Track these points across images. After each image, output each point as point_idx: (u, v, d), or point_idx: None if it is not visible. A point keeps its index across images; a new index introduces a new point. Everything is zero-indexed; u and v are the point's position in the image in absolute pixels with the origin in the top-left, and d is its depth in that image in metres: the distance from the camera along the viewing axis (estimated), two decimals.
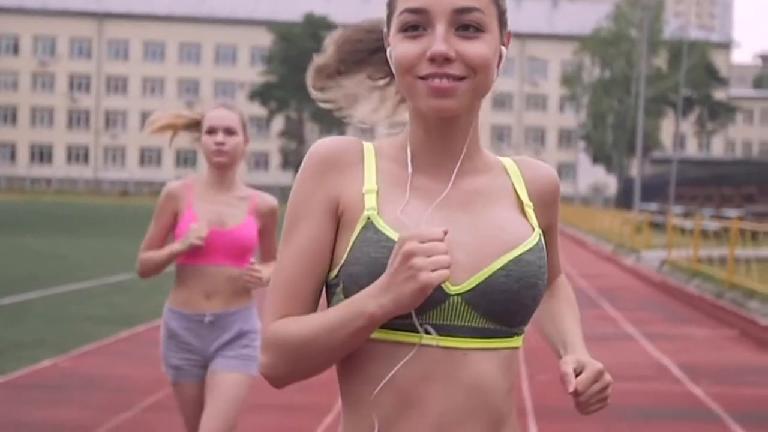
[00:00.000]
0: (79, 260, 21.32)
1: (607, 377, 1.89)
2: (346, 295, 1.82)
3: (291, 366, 1.83)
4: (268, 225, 4.62)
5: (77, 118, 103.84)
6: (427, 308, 1.79)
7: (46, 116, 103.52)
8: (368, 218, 1.84)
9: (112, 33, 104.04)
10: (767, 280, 15.01)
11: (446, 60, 1.79)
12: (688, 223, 27.39)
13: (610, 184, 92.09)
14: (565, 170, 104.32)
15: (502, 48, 1.90)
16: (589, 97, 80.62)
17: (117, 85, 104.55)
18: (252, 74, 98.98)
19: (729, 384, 9.33)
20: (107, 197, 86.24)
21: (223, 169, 4.50)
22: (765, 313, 13.61)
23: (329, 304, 1.88)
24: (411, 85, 1.83)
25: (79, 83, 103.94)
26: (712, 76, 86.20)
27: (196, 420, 4.43)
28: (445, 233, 1.72)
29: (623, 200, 61.57)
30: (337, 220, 1.88)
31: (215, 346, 4.44)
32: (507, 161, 2.01)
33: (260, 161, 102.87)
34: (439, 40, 1.79)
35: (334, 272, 1.87)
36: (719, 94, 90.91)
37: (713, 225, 24.79)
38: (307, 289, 1.88)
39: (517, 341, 1.89)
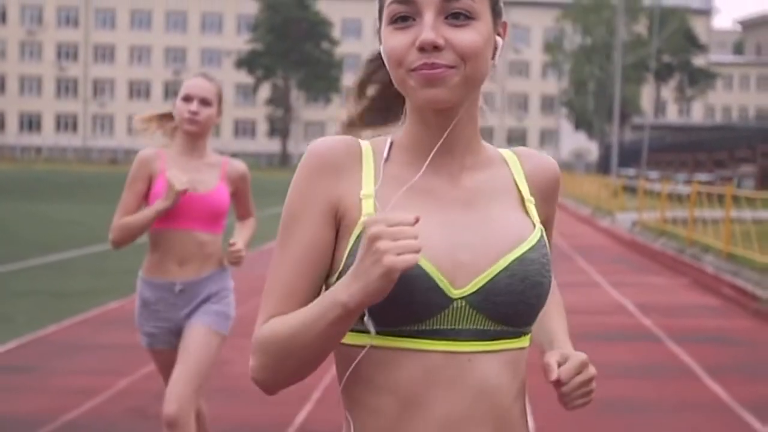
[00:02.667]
0: (94, 225, 22.97)
1: (592, 369, 1.84)
2: None
3: (279, 365, 1.77)
4: (240, 188, 4.70)
5: (65, 87, 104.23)
6: (431, 314, 1.75)
7: (35, 85, 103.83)
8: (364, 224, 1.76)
9: (99, 2, 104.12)
10: (721, 237, 16.93)
11: (435, 48, 1.74)
12: (658, 187, 29.28)
13: (592, 149, 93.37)
14: (548, 136, 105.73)
15: (497, 38, 1.85)
16: (571, 64, 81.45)
17: (104, 53, 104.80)
18: (238, 42, 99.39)
19: (673, 317, 11.29)
20: (97, 165, 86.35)
21: (193, 137, 4.55)
22: (716, 264, 15.54)
23: None
24: (403, 78, 1.79)
25: (66, 52, 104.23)
26: (692, 42, 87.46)
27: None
28: (417, 220, 1.65)
29: (604, 166, 62.78)
30: (337, 224, 1.84)
31: (185, 312, 4.50)
32: (507, 153, 1.97)
33: (247, 129, 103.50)
34: (428, 27, 1.74)
35: (334, 278, 1.82)
36: (699, 61, 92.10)
37: (681, 189, 26.67)
38: (304, 293, 1.82)
39: (524, 341, 1.84)
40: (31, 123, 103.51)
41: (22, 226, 21.99)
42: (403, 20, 1.78)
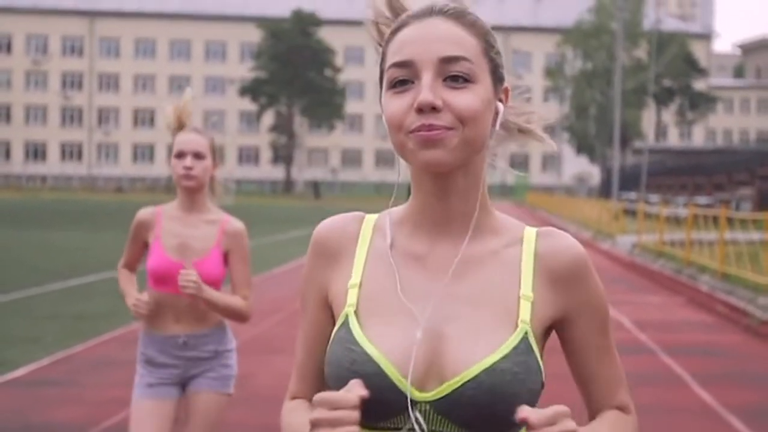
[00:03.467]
0: (102, 251, 23.55)
1: (570, 424, 1.65)
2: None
3: None
4: (234, 248, 4.58)
5: (70, 116, 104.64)
6: (393, 415, 1.73)
7: (40, 114, 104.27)
8: (346, 315, 1.79)
9: (104, 31, 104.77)
10: (716, 258, 17.50)
11: (433, 110, 1.71)
12: (657, 210, 29.85)
13: (594, 174, 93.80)
14: (550, 161, 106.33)
15: (498, 104, 1.82)
16: (572, 89, 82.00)
17: (109, 82, 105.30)
18: (242, 70, 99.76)
19: (668, 332, 11.89)
20: (102, 193, 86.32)
21: (191, 192, 4.52)
22: (711, 284, 16.11)
23: None
24: (402, 141, 1.75)
25: (71, 81, 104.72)
26: (692, 66, 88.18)
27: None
28: (360, 400, 1.65)
29: (606, 190, 63.18)
30: (332, 310, 1.87)
31: (192, 365, 4.50)
32: (529, 232, 1.87)
33: (251, 156, 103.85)
34: (426, 89, 1.72)
35: None
36: (699, 84, 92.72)
37: (679, 212, 27.26)
38: (312, 372, 1.90)
39: None
40: (36, 152, 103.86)
41: (35, 254, 22.54)
42: (402, 84, 1.77)
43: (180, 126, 4.57)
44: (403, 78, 1.76)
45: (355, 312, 1.79)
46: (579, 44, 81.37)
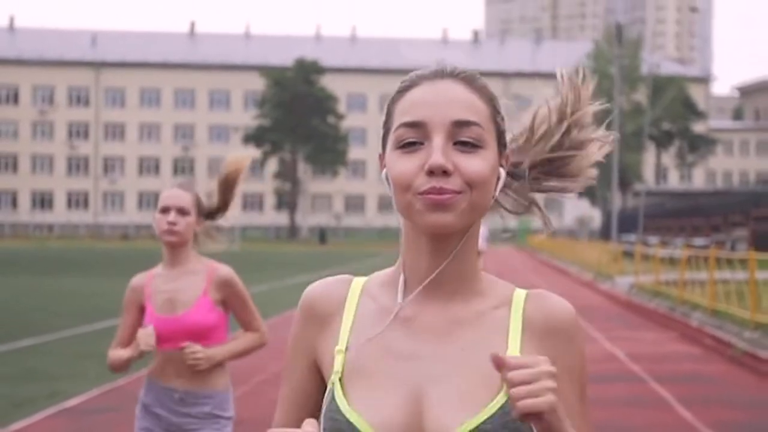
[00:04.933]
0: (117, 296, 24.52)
1: (545, 366, 1.62)
2: None
3: None
4: (230, 297, 4.60)
5: (76, 165, 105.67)
6: None
7: (46, 163, 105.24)
8: (332, 383, 1.78)
9: (109, 81, 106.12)
10: (707, 295, 18.54)
11: (444, 173, 1.70)
12: (651, 252, 30.91)
13: (595, 216, 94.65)
14: (551, 204, 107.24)
15: (500, 169, 1.81)
16: None
17: (115, 131, 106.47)
18: (246, 118, 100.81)
19: (658, 363, 12.90)
20: (108, 241, 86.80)
21: (175, 247, 4.53)
22: (702, 319, 17.14)
23: None
24: (410, 202, 1.73)
25: (77, 131, 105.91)
26: (691, 109, 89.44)
27: None
28: None
29: (606, 232, 64.01)
30: (320, 373, 1.86)
31: (185, 423, 4.49)
32: (518, 294, 1.83)
33: (255, 202, 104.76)
34: (438, 152, 1.71)
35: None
36: (698, 127, 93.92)
37: (674, 253, 28.30)
38: (299, 422, 1.79)
39: None
40: (43, 200, 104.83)
41: (53, 300, 23.50)
42: (411, 145, 1.74)
43: (224, 197, 4.68)
44: (413, 139, 1.75)
45: (340, 379, 1.78)
46: None
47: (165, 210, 4.49)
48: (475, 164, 1.74)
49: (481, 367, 1.73)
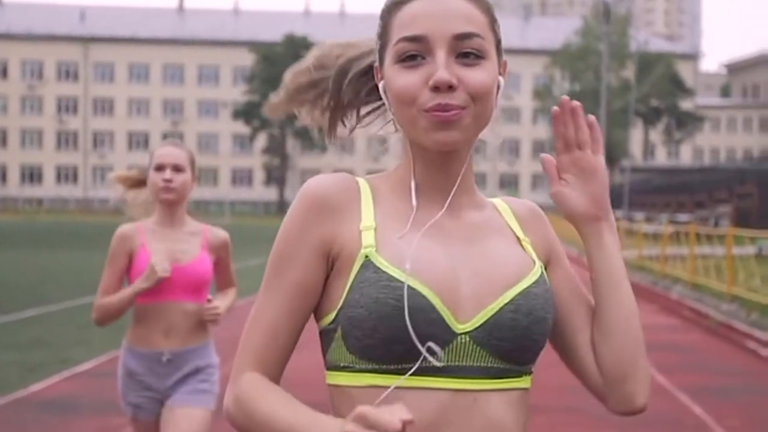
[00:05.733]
0: None
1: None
2: (346, 340, 1.70)
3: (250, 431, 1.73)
4: (222, 257, 4.62)
5: (66, 140, 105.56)
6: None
7: (36, 138, 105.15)
8: (366, 257, 1.71)
9: (98, 56, 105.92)
10: (688, 269, 19.18)
11: (449, 88, 1.69)
12: (635, 228, 31.59)
13: None
14: (540, 181, 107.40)
15: (500, 78, 1.80)
16: None
17: (104, 106, 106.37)
18: (235, 93, 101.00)
19: None
20: (98, 215, 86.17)
21: (171, 205, 4.46)
22: (682, 292, 17.77)
23: (326, 352, 1.77)
24: (414, 118, 1.72)
25: (66, 105, 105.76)
26: (679, 86, 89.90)
27: None
28: (405, 422, 1.47)
29: None
30: (331, 264, 1.77)
31: (172, 382, 4.44)
32: (496, 200, 1.93)
33: (244, 177, 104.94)
34: (442, 67, 1.69)
35: (330, 317, 1.75)
36: (686, 104, 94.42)
37: (657, 229, 28.95)
38: (288, 333, 1.77)
39: (527, 381, 1.77)
40: (32, 175, 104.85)
41: (54, 272, 24.04)
42: (412, 59, 1.73)
43: (132, 184, 4.75)
44: (413, 53, 1.72)
45: (376, 251, 1.73)
46: (567, 66, 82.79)
47: (160, 168, 4.44)
48: (479, 76, 1.73)
49: (509, 260, 1.79)
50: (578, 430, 7.74)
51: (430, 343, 1.67)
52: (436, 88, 1.69)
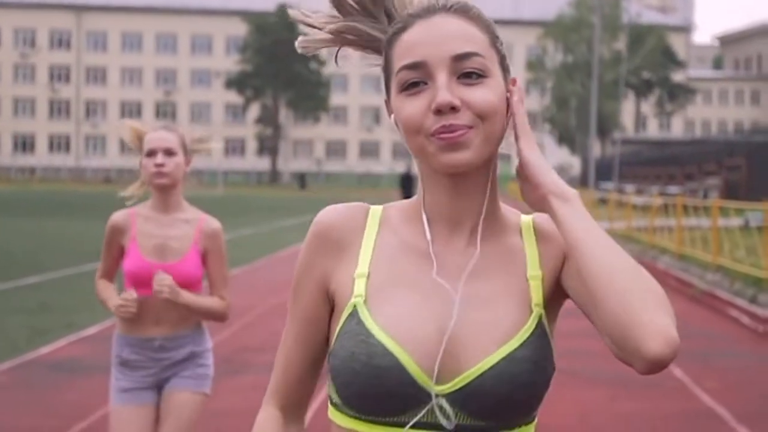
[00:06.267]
0: None
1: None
2: (335, 387, 1.73)
3: None
4: (211, 248, 4.48)
5: (58, 108, 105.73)
6: (408, 408, 1.67)
7: (28, 107, 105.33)
8: (354, 306, 1.71)
9: (91, 25, 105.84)
10: (675, 240, 19.62)
11: (452, 110, 1.65)
12: (625, 199, 32.01)
13: (575, 164, 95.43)
14: None
15: (514, 89, 1.77)
16: (553, 81, 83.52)
17: (96, 75, 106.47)
18: (228, 63, 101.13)
19: None
20: (91, 184, 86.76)
21: (165, 190, 4.42)
22: (668, 263, 18.22)
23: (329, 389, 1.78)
24: (422, 145, 1.69)
25: (59, 74, 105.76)
26: (670, 59, 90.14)
27: None
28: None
29: (585, 180, 64.86)
30: (331, 300, 1.79)
31: (167, 367, 4.43)
32: (525, 220, 1.84)
33: (237, 147, 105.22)
34: (442, 89, 1.66)
35: (328, 356, 1.77)
36: (678, 76, 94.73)
37: (645, 201, 29.38)
38: (299, 365, 1.83)
39: (526, 430, 1.73)
40: (25, 144, 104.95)
41: (52, 240, 24.45)
42: (414, 86, 1.70)
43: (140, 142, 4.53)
44: (415, 80, 1.71)
45: (364, 302, 1.73)
46: (560, 37, 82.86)
47: (151, 153, 4.38)
48: (482, 94, 1.70)
49: (508, 295, 1.74)
50: (569, 391, 8.14)
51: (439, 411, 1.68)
52: (439, 111, 1.66)
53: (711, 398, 7.93)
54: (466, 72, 1.70)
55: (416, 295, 1.72)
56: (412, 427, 1.67)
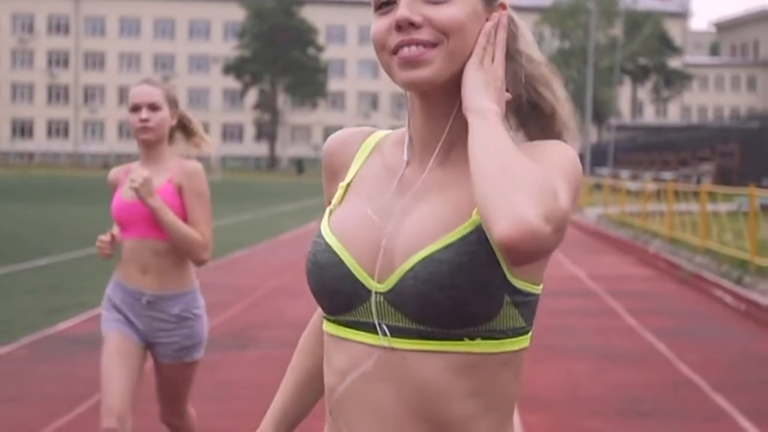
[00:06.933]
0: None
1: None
2: None
3: None
4: (187, 186, 4.43)
5: (56, 94, 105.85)
6: (353, 306, 1.71)
7: (26, 92, 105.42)
8: (330, 212, 1.82)
9: (89, 10, 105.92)
10: (666, 225, 20.16)
11: (411, 25, 1.66)
12: (619, 184, 32.54)
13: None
14: None
15: (494, 15, 1.74)
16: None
17: (95, 60, 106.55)
18: (226, 48, 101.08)
19: (614, 282, 14.50)
20: (90, 170, 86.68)
21: (150, 145, 4.43)
22: (659, 246, 18.76)
23: None
24: (387, 62, 1.72)
25: (57, 59, 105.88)
26: (667, 45, 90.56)
27: (115, 376, 4.28)
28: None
29: (583, 165, 65.26)
30: None
31: (154, 327, 4.42)
32: None
33: (235, 133, 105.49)
34: (402, 5, 1.67)
35: None
36: (674, 62, 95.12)
37: (639, 186, 29.89)
38: None
39: (475, 345, 1.67)
40: (23, 129, 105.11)
41: (55, 224, 24.95)
42: (386, 5, 1.72)
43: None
44: (386, 0, 1.73)
45: (332, 211, 1.83)
46: (556, 23, 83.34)
47: (136, 108, 4.40)
48: (446, 11, 1.68)
49: (457, 201, 1.71)
50: (559, 363, 8.64)
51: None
52: (399, 28, 1.68)
53: (690, 370, 8.44)
54: None
55: (372, 204, 1.77)
56: (358, 325, 1.72)
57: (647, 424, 6.81)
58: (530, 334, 1.75)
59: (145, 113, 4.36)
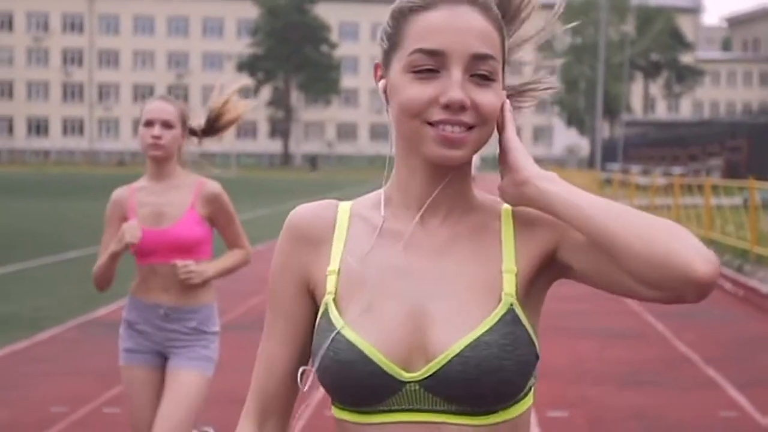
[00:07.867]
0: None
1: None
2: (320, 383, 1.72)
3: None
4: (215, 212, 4.50)
5: (71, 92, 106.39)
6: (383, 398, 1.67)
7: (42, 90, 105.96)
8: (326, 304, 1.72)
9: (103, 8, 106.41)
10: (672, 218, 20.81)
11: (461, 108, 1.63)
12: (629, 179, 33.17)
13: (584, 145, 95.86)
14: (541, 133, 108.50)
15: (507, 101, 1.78)
16: (562, 63, 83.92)
17: (109, 58, 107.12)
18: (239, 46, 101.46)
19: None
20: (105, 167, 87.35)
21: (160, 162, 4.44)
22: None
23: None
24: (417, 130, 1.67)
25: (72, 57, 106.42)
26: (679, 40, 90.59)
27: (142, 409, 4.45)
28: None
29: (593, 161, 65.48)
30: (312, 299, 1.78)
31: (170, 337, 4.44)
32: (507, 206, 1.77)
33: (248, 130, 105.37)
34: (456, 86, 1.63)
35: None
36: (686, 58, 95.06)
37: (648, 180, 30.54)
38: (283, 365, 1.80)
39: (503, 415, 1.69)
40: (39, 127, 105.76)
41: (74, 221, 25.59)
42: (428, 71, 1.66)
43: (218, 118, 4.65)
44: (430, 67, 1.66)
45: (334, 300, 1.72)
46: (568, 20, 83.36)
47: (149, 123, 4.41)
48: (490, 99, 1.68)
49: (478, 280, 1.71)
50: (565, 341, 9.33)
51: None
52: (447, 107, 1.65)
53: (687, 347, 9.14)
54: (479, 73, 1.68)
55: (385, 283, 1.72)
56: (393, 412, 1.68)
57: (643, 391, 7.52)
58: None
59: (158, 130, 4.40)
